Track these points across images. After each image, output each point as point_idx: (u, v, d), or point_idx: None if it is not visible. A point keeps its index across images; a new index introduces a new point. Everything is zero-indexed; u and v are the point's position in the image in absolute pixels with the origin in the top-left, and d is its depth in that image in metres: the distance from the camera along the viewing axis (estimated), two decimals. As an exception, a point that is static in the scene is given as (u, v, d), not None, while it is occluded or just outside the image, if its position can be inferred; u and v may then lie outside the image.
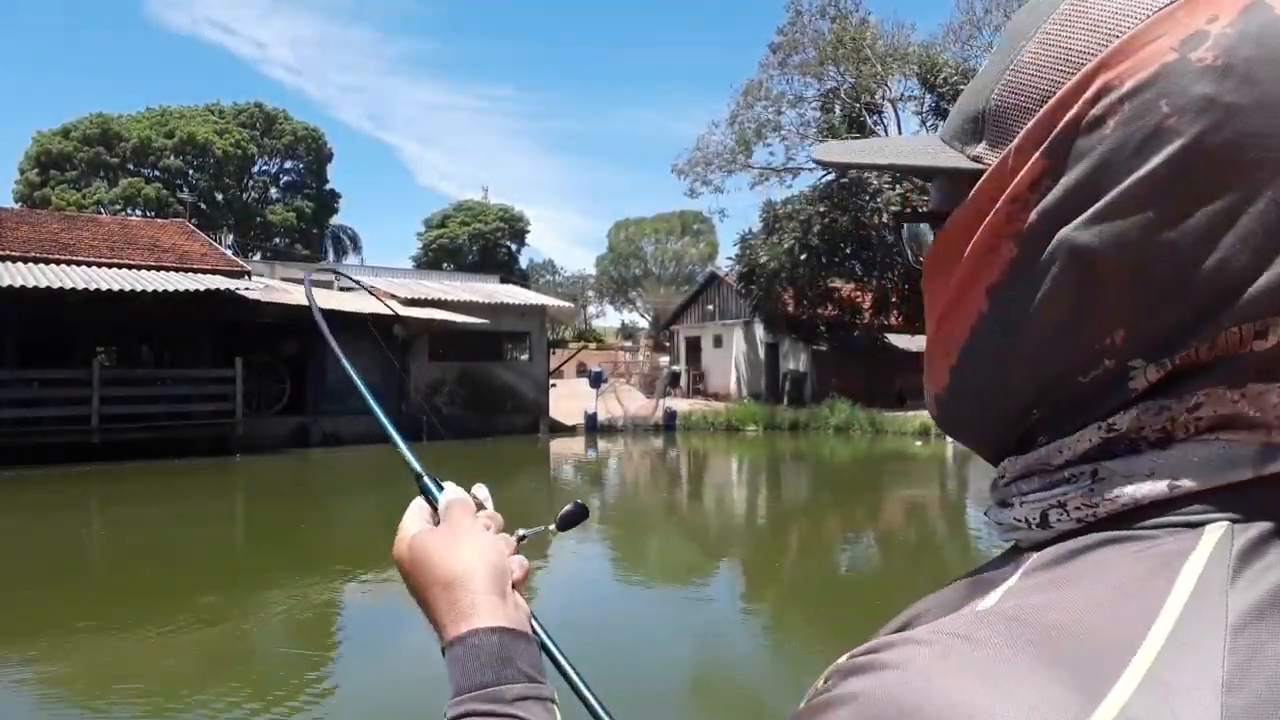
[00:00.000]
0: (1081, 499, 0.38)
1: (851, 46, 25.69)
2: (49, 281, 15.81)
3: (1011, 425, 0.41)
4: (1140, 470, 0.36)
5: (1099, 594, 0.33)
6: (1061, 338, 0.38)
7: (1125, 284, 0.35)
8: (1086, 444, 0.38)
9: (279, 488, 15.10)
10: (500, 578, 0.61)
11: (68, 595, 7.50)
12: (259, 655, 6.12)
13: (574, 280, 69.03)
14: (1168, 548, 0.34)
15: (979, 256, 0.40)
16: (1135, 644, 0.31)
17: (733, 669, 5.79)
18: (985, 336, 0.40)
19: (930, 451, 19.65)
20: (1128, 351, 0.36)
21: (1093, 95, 0.36)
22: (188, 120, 48.75)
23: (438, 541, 0.63)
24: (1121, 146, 0.35)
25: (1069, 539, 0.38)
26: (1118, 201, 0.35)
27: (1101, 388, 0.38)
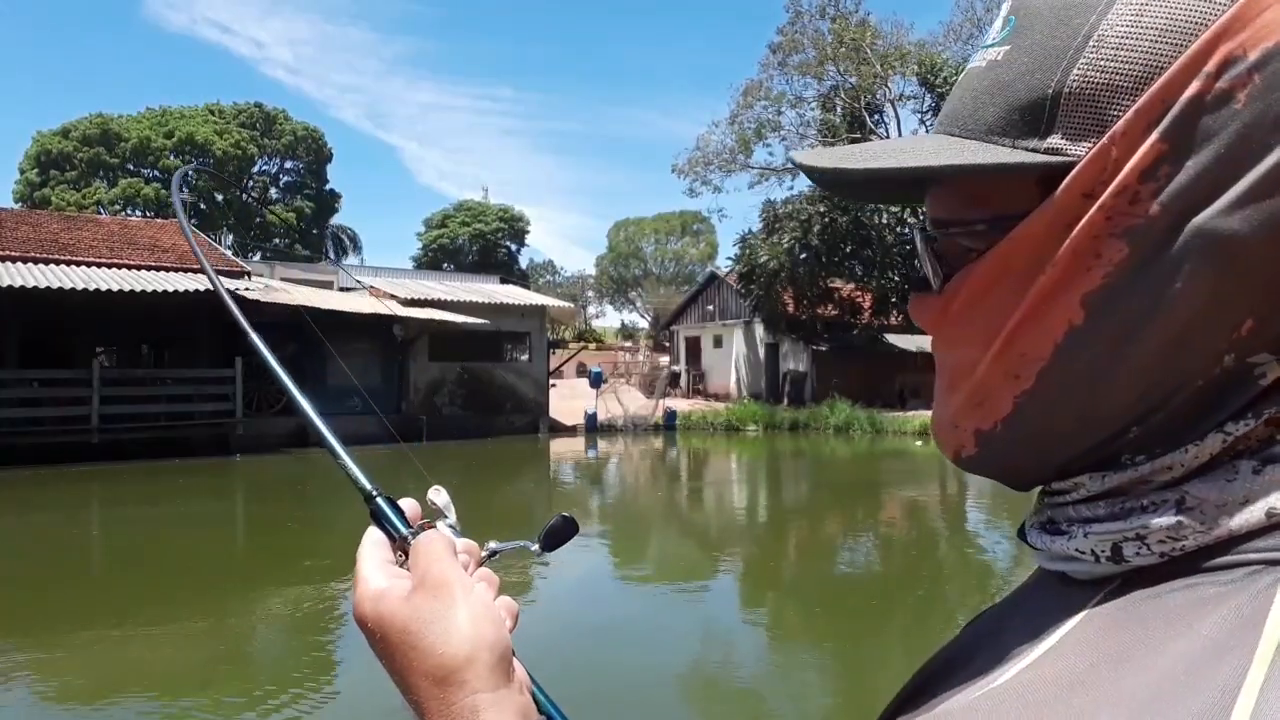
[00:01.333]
0: (1166, 531, 0.33)
1: (851, 46, 25.70)
2: (49, 281, 15.82)
3: (1093, 451, 0.37)
4: (1234, 497, 0.32)
5: (1183, 653, 0.30)
6: (1187, 340, 0.34)
7: (1260, 273, 0.32)
8: (1204, 457, 0.34)
9: (279, 488, 15.10)
10: (504, 657, 0.45)
11: (67, 595, 7.50)
12: (259, 655, 6.12)
13: (574, 280, 69.04)
14: (1252, 592, 0.30)
15: (1070, 262, 0.35)
16: (1228, 710, 0.27)
17: (733, 669, 5.79)
18: (1081, 353, 0.35)
19: (930, 451, 19.66)
20: (1253, 344, 0.33)
21: (1215, 68, 0.32)
22: (188, 120, 48.78)
23: (417, 616, 0.45)
24: (1258, 121, 0.32)
25: (1139, 577, 0.34)
26: (1263, 180, 0.32)
27: (1220, 390, 0.34)
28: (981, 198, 0.38)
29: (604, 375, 27.72)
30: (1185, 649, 0.30)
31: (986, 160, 0.36)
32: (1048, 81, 0.35)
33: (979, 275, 0.38)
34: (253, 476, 16.08)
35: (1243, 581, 0.31)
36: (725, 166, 28.92)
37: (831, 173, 0.40)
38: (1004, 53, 0.37)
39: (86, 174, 46.42)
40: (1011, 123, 0.36)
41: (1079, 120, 0.34)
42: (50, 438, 16.09)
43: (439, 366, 22.68)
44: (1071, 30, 0.35)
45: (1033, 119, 0.35)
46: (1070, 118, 0.35)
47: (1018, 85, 0.36)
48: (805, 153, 0.41)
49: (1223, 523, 0.32)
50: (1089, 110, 0.34)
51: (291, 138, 52.13)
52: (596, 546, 9.44)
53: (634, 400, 27.47)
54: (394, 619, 0.46)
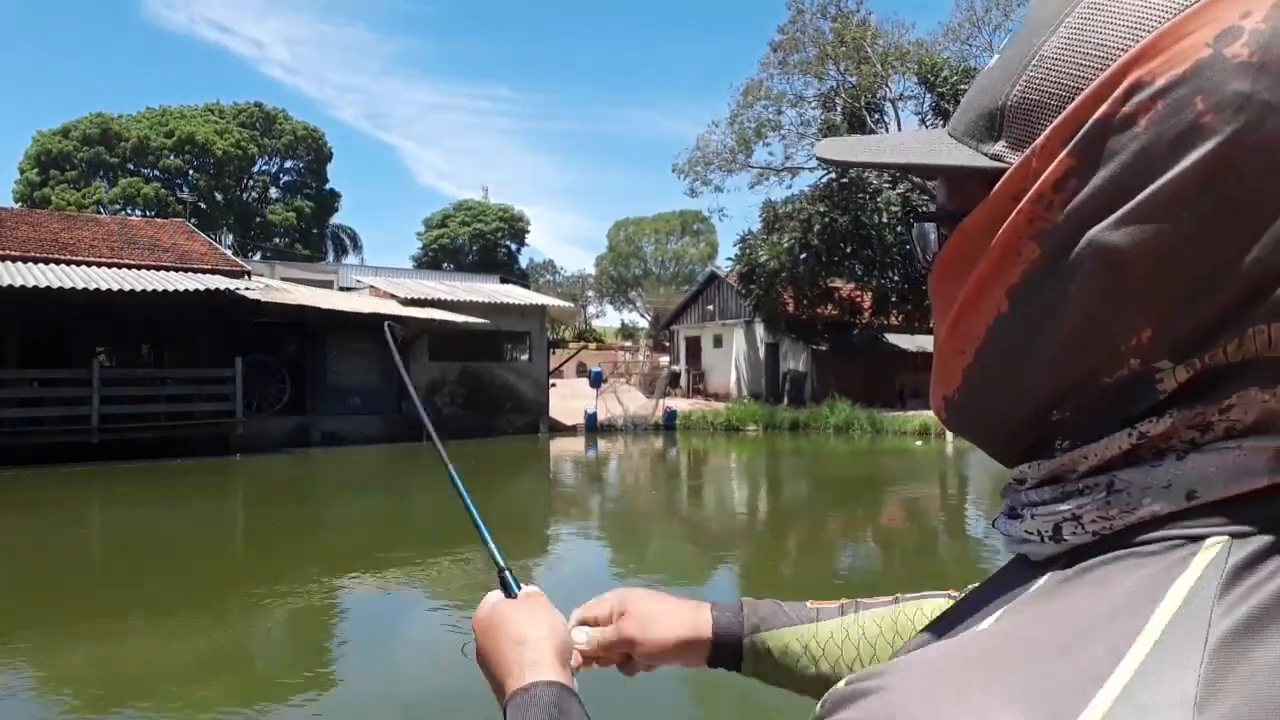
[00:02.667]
0: (1097, 512, 0.37)
1: (852, 46, 25.71)
2: (49, 281, 15.81)
3: (1029, 427, 0.41)
4: (1158, 481, 0.36)
5: (1089, 615, 0.33)
6: (1086, 338, 0.37)
7: (1155, 284, 0.35)
8: (1115, 450, 0.37)
9: (279, 487, 15.11)
10: (565, 650, 0.66)
11: (67, 595, 7.50)
12: (259, 655, 6.12)
13: (574, 280, 69.04)
14: (1164, 564, 0.34)
15: (999, 257, 0.39)
16: (1113, 666, 0.31)
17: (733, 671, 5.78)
18: (1004, 337, 0.40)
19: (930, 451, 19.66)
20: (1154, 352, 0.36)
21: (1124, 92, 0.35)
22: (188, 120, 48.77)
23: (518, 610, 0.69)
24: (1154, 144, 0.34)
25: (1082, 553, 0.37)
26: (1150, 201, 0.34)
27: (1127, 389, 0.37)
28: (958, 193, 0.42)
29: (604, 375, 27.73)
30: (1094, 609, 0.33)
31: (938, 161, 0.41)
32: (1000, 94, 0.39)
33: (941, 259, 0.43)
34: (253, 476, 16.08)
35: (1159, 554, 0.34)
36: (725, 166, 28.91)
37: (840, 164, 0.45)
38: (995, 61, 0.41)
39: (86, 174, 46.43)
40: (978, 127, 0.40)
41: (1016, 131, 0.38)
42: (50, 438, 16.09)
43: (439, 366, 22.69)
44: (1027, 48, 0.38)
45: (988, 126, 0.40)
46: (1011, 128, 0.39)
47: (986, 94, 0.40)
48: (823, 144, 0.46)
49: (1146, 504, 0.35)
50: (1023, 123, 0.38)
51: (291, 137, 52.12)
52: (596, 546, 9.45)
53: (634, 400, 27.47)
54: (500, 610, 0.69)
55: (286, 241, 51.57)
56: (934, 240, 0.45)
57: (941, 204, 0.44)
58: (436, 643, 6.32)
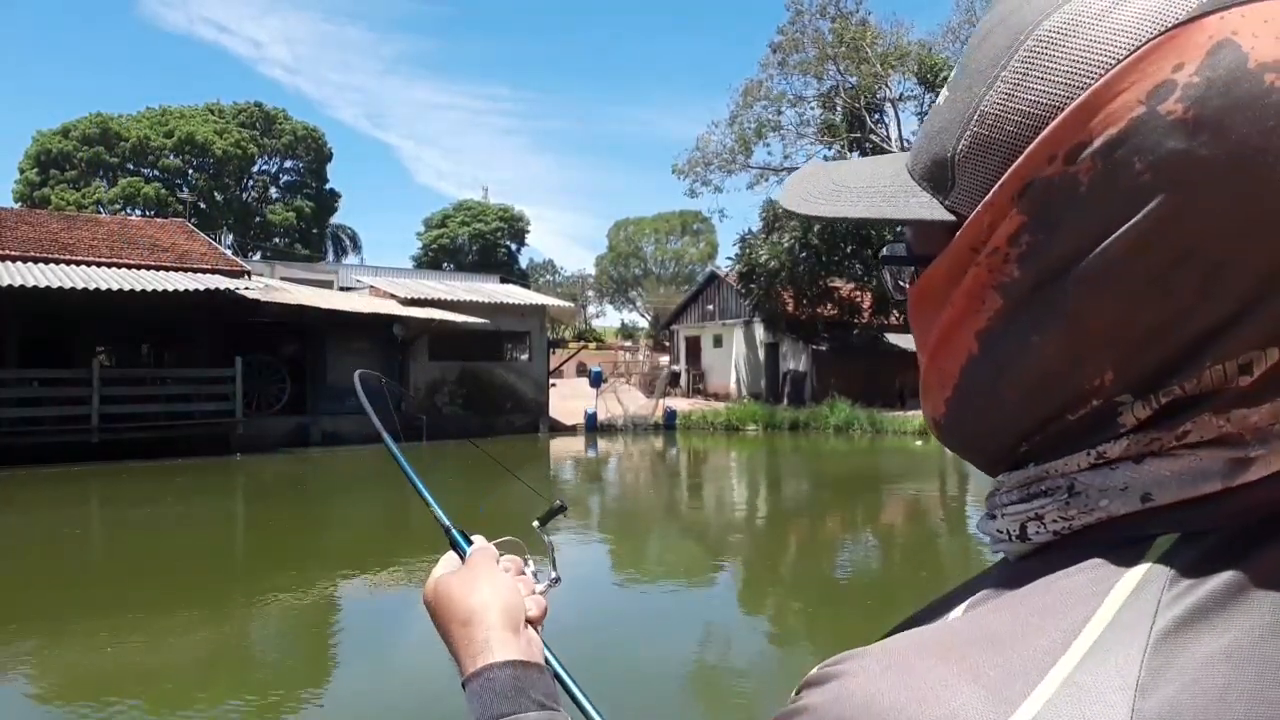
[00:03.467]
0: (1057, 512, 0.39)
1: (852, 46, 25.71)
2: (49, 281, 15.81)
3: (1005, 453, 0.43)
4: (1115, 484, 0.37)
5: (1040, 605, 0.35)
6: (1051, 381, 0.38)
7: (1110, 334, 0.36)
8: (1074, 468, 0.39)
9: (279, 487, 15.11)
10: (514, 614, 0.66)
11: (66, 595, 7.50)
12: (259, 654, 6.13)
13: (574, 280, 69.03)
14: (1116, 559, 0.35)
15: (964, 304, 0.40)
16: (1062, 651, 0.32)
17: (733, 668, 5.79)
18: (976, 377, 0.41)
19: (930, 450, 19.65)
20: (1115, 390, 0.37)
21: (1065, 153, 0.35)
22: (187, 120, 48.76)
23: (458, 582, 0.69)
24: (1100, 204, 0.35)
25: (1047, 551, 0.39)
26: (1101, 258, 0.35)
27: (1091, 424, 0.38)
28: (921, 235, 0.43)
29: (604, 375, 27.75)
30: (1047, 599, 0.35)
31: (899, 215, 0.42)
32: (948, 145, 0.39)
33: (911, 300, 0.44)
34: (253, 476, 16.08)
35: (1113, 550, 0.36)
36: (725, 166, 28.92)
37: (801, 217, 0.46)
38: (944, 98, 0.41)
39: (86, 173, 46.42)
40: (931, 174, 0.41)
41: (967, 183, 0.39)
42: (50, 437, 16.09)
43: (439, 366, 22.69)
44: (970, 98, 0.39)
45: (940, 175, 0.40)
46: (962, 180, 0.39)
47: (935, 140, 0.41)
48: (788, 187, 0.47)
49: (1103, 505, 0.37)
50: (972, 176, 0.38)
51: (291, 137, 52.10)
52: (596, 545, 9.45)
53: (634, 400, 27.48)
54: (441, 586, 0.69)
55: (286, 241, 51.55)
56: (904, 284, 0.46)
57: (909, 243, 0.45)
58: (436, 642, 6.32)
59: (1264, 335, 0.34)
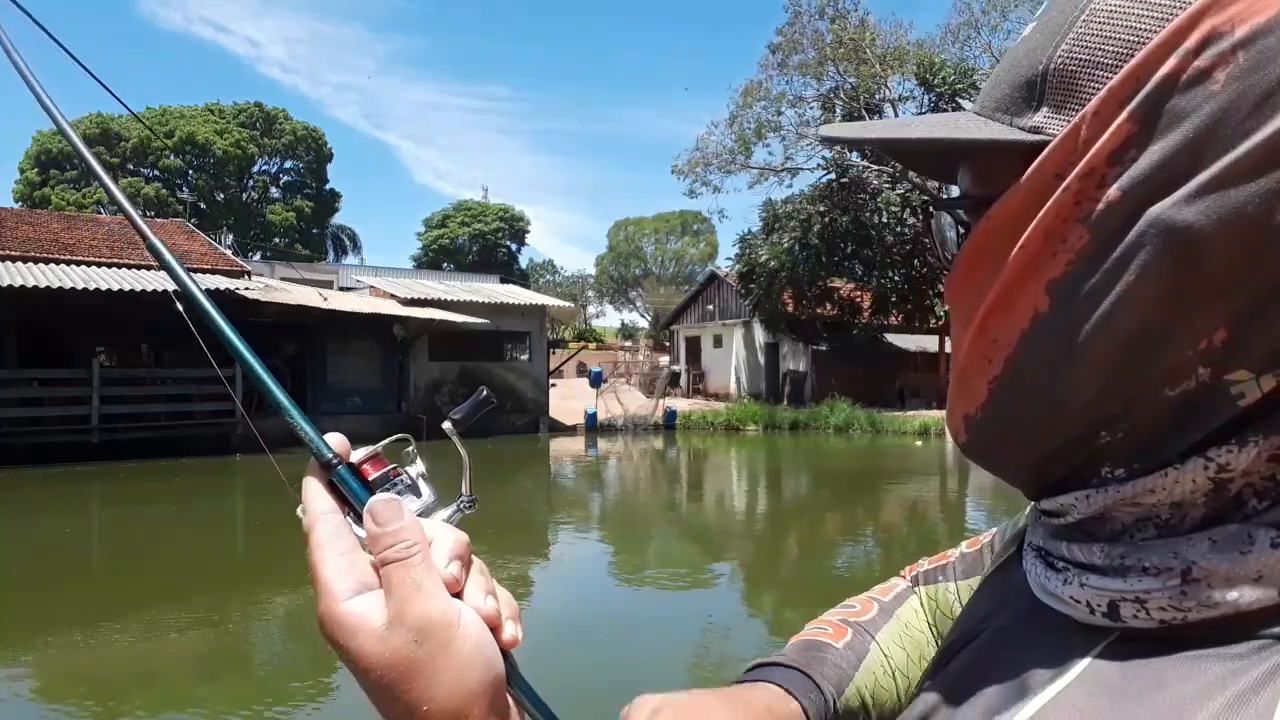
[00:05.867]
0: (1169, 600, 0.31)
1: (851, 46, 25.71)
2: (49, 281, 15.82)
3: (1068, 452, 0.35)
4: (1247, 572, 0.29)
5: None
6: (1146, 341, 0.31)
7: (1233, 273, 0.29)
8: (1189, 487, 0.31)
9: (279, 487, 15.08)
10: (498, 702, 0.38)
11: (66, 595, 7.50)
12: (259, 655, 6.13)
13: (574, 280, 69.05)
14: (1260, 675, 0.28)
15: (1039, 246, 0.33)
16: None
17: (731, 668, 5.79)
18: (1043, 342, 0.34)
19: (930, 450, 19.66)
20: (1230, 358, 0.30)
21: (1195, 44, 0.29)
22: (188, 120, 48.79)
23: (396, 664, 0.37)
24: (1235, 104, 0.29)
25: (1137, 633, 0.32)
26: (1230, 170, 0.28)
27: (1194, 405, 0.31)
28: (986, 176, 0.37)
29: (604, 375, 27.74)
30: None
31: (964, 135, 0.35)
32: (1041, 57, 0.33)
33: (965, 254, 0.37)
34: (253, 476, 16.08)
35: (1251, 659, 0.29)
36: (725, 167, 28.92)
37: (847, 142, 0.40)
38: (1031, 28, 0.36)
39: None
40: (1012, 99, 0.35)
41: (1060, 98, 0.33)
42: (50, 438, 16.09)
43: (439, 366, 22.69)
44: (1075, 4, 0.33)
45: (1026, 96, 0.34)
46: (1054, 95, 0.33)
47: (1022, 62, 0.35)
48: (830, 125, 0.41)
49: (1231, 598, 0.30)
50: (1070, 87, 0.33)
51: (291, 137, 52.13)
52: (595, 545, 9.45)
53: (634, 400, 27.46)
54: (369, 662, 0.37)
55: (286, 242, 51.56)
56: (953, 237, 0.39)
57: (971, 191, 0.38)
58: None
59: None
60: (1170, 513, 0.32)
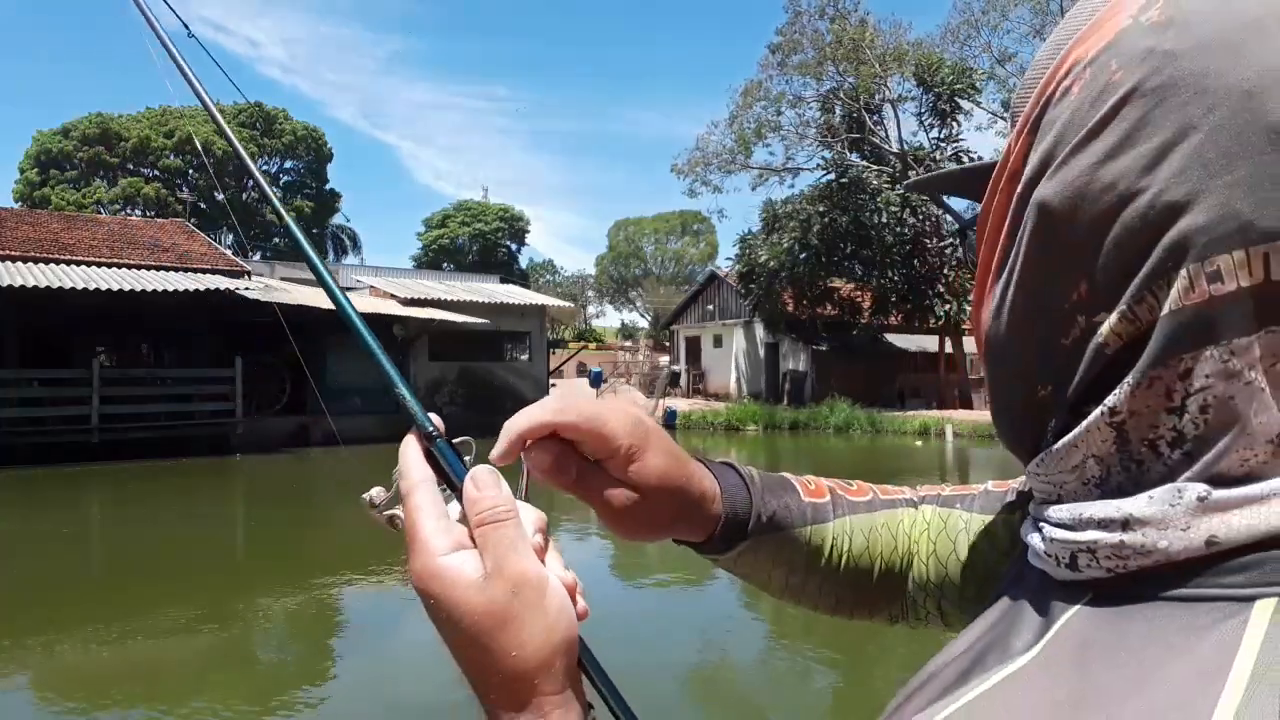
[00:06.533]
0: (1112, 548, 0.35)
1: (850, 47, 25.70)
2: (49, 281, 15.81)
3: (1028, 409, 0.40)
4: (1176, 522, 0.34)
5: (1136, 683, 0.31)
6: (1039, 298, 0.38)
7: (1078, 231, 0.36)
8: (1098, 436, 0.36)
9: (279, 487, 15.11)
10: (574, 661, 0.44)
11: (66, 595, 7.50)
12: (259, 655, 6.12)
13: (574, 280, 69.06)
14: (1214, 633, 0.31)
15: (991, 240, 0.41)
16: None
17: (731, 668, 5.79)
18: (995, 317, 0.41)
19: (930, 450, 19.67)
20: (1094, 305, 0.36)
21: (1065, 70, 0.38)
22: (188, 120, 48.78)
23: (492, 613, 0.42)
24: (1079, 107, 0.36)
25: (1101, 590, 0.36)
26: (1070, 153, 0.36)
27: (1081, 349, 0.37)
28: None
29: (604, 375, 27.77)
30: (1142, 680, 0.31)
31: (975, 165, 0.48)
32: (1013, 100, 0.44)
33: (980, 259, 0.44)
34: (253, 476, 16.08)
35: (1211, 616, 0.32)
36: (725, 167, 28.93)
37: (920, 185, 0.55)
38: None
39: (86, 173, 46.46)
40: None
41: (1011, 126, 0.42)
42: (50, 438, 16.09)
43: (439, 366, 22.70)
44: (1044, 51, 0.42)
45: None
46: (1011, 123, 0.42)
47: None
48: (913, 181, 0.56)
49: (1162, 546, 0.34)
50: (1015, 116, 0.42)
51: (292, 137, 52.15)
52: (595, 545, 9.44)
53: (634, 400, 27.47)
54: (466, 610, 0.42)
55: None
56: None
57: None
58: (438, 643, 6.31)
59: (1231, 230, 0.32)
60: (1102, 469, 0.37)
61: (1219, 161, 0.32)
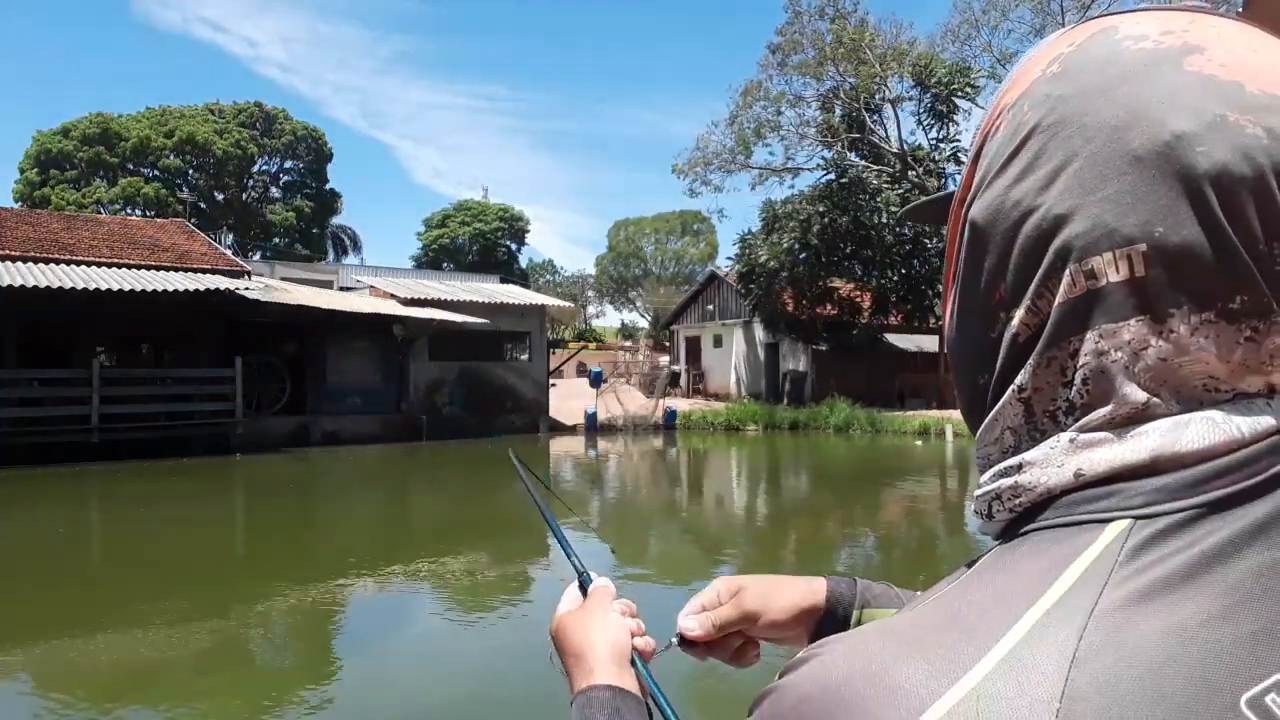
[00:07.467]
0: (1010, 490, 0.42)
1: (850, 47, 25.70)
2: (49, 281, 15.82)
3: (976, 398, 0.47)
4: (1053, 460, 0.41)
5: (996, 588, 0.38)
6: (974, 301, 0.45)
7: (995, 241, 0.43)
8: (1011, 410, 0.43)
9: (279, 487, 15.10)
10: (619, 650, 0.72)
11: (66, 595, 7.50)
12: (259, 655, 6.12)
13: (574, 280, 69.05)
14: (1072, 544, 0.38)
15: (950, 255, 0.48)
16: (1005, 630, 0.35)
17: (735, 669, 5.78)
18: (950, 320, 0.48)
19: (930, 450, 19.66)
20: (1009, 303, 0.43)
21: (997, 112, 0.46)
22: (188, 120, 48.75)
23: (573, 621, 0.75)
24: (1002, 141, 0.45)
25: (1009, 531, 0.42)
26: (992, 179, 0.44)
27: (1002, 341, 0.44)
28: None
29: (604, 375, 27.72)
30: (1004, 583, 0.38)
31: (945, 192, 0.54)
32: None
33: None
34: (253, 476, 16.08)
35: (1071, 534, 0.39)
36: (725, 167, 28.92)
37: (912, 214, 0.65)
38: None
39: (86, 173, 46.42)
40: None
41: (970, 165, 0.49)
42: (50, 437, 16.10)
43: (439, 366, 22.68)
44: None
45: None
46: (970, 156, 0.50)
47: None
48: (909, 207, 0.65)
49: (1043, 481, 0.41)
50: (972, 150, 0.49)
51: (292, 137, 52.10)
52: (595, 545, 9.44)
53: (634, 400, 27.45)
54: (561, 622, 0.76)
55: (287, 241, 51.54)
56: None
57: None
58: (438, 643, 6.32)
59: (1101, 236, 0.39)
60: (1015, 439, 0.44)
61: (1093, 182, 0.40)
